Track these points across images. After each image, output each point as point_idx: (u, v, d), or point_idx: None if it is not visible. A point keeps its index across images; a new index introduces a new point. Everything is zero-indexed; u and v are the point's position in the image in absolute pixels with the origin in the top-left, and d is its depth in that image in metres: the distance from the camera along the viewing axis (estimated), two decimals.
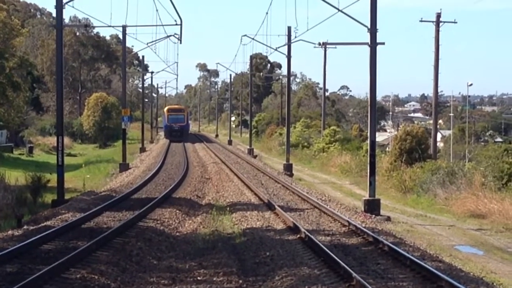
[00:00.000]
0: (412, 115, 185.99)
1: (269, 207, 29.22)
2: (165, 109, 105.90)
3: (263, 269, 17.35)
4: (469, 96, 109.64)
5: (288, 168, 51.31)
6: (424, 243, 22.47)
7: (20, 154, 71.87)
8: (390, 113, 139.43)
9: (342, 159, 55.65)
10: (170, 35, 53.31)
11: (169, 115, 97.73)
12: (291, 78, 59.19)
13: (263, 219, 25.99)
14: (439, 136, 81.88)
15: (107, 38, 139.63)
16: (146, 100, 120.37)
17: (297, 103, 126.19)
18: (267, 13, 56.81)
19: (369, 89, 30.63)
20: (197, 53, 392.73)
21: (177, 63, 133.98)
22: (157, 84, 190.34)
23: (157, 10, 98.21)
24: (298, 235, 21.84)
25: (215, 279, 16.18)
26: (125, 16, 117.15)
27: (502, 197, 30.76)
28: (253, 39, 60.72)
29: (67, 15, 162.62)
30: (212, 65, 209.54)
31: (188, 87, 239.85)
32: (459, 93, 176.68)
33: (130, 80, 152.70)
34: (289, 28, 50.46)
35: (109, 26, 45.68)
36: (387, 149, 67.02)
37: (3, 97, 49.99)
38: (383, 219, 28.32)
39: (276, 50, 54.79)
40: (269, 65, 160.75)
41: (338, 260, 17.14)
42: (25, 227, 23.19)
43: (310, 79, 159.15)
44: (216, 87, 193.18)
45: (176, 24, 43.81)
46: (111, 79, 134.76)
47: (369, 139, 31.56)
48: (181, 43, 49.13)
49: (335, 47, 72.13)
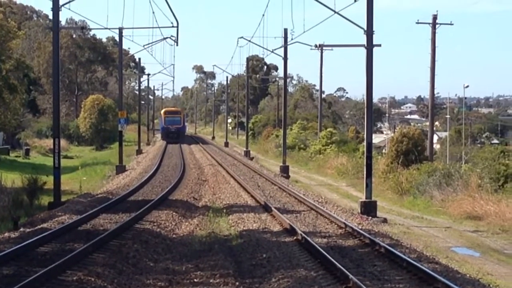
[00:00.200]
0: (408, 117, 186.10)
1: (266, 209, 29.22)
2: (162, 111, 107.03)
3: (260, 271, 17.35)
4: (465, 98, 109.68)
5: (285, 170, 51.32)
6: (420, 245, 22.48)
7: (16, 156, 71.78)
8: (387, 115, 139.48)
9: (339, 161, 55.66)
10: (167, 37, 53.28)
11: (166, 117, 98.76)
12: (288, 80, 59.29)
13: (259, 221, 25.98)
14: (435, 138, 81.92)
15: (104, 40, 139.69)
16: (143, 102, 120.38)
17: (294, 105, 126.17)
18: (263, 15, 56.69)
19: (365, 91, 30.67)
20: (194, 55, 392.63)
21: (173, 65, 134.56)
22: (154, 86, 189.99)
23: (153, 12, 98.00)
24: (295, 237, 21.84)
25: (211, 281, 16.19)
26: (122, 18, 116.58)
27: (499, 199, 30.79)
28: (249, 41, 60.79)
29: (63, 17, 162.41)
30: (208, 67, 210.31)
31: (184, 89, 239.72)
32: (456, 95, 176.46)
33: (127, 82, 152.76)
34: (285, 30, 50.53)
35: (106, 28, 45.64)
36: (383, 151, 67.10)
37: None
38: (380, 221, 28.33)
39: (272, 52, 54.87)
40: (265, 67, 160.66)
41: (335, 262, 17.14)
42: (21, 229, 23.17)
43: (306, 81, 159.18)
44: (213, 89, 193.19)
45: (173, 26, 43.73)
46: (107, 81, 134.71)
47: (365, 141, 31.58)
48: (177, 45, 48.98)
49: (332, 49, 72.33)
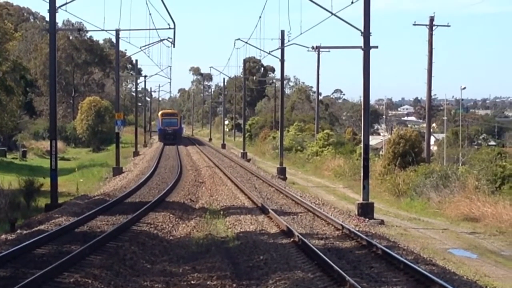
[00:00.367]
0: (405, 118, 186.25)
1: (263, 211, 29.21)
2: (159, 113, 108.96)
3: (257, 273, 17.34)
4: (462, 99, 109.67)
5: (282, 172, 51.30)
6: (417, 247, 22.50)
7: (13, 158, 71.66)
8: (384, 116, 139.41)
9: (336, 162, 55.65)
10: (164, 39, 53.26)
11: (163, 119, 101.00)
12: (285, 82, 59.25)
13: (256, 223, 25.97)
14: (432, 139, 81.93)
15: (101, 42, 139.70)
16: (140, 104, 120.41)
17: (291, 107, 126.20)
18: (260, 17, 56.78)
19: (362, 92, 30.70)
20: (191, 57, 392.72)
21: (170, 67, 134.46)
22: (151, 88, 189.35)
23: (150, 14, 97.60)
24: (292, 239, 21.84)
25: (208, 283, 16.19)
26: (118, 20, 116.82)
27: (496, 201, 30.81)
28: (246, 42, 60.80)
29: (60, 19, 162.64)
30: (205, 69, 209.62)
31: (181, 91, 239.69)
32: (453, 96, 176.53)
33: (124, 84, 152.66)
34: (282, 32, 50.49)
35: (102, 30, 45.90)
36: (380, 152, 67.04)
37: None
38: (377, 222, 28.35)
39: (269, 53, 54.84)
40: (262, 68, 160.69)
41: (332, 263, 17.14)
42: (18, 231, 23.14)
43: (303, 82, 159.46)
44: (210, 91, 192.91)
45: (170, 28, 43.72)
46: (104, 83, 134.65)
47: (362, 143, 31.60)
48: (174, 47, 49.13)
49: (329, 51, 71.98)
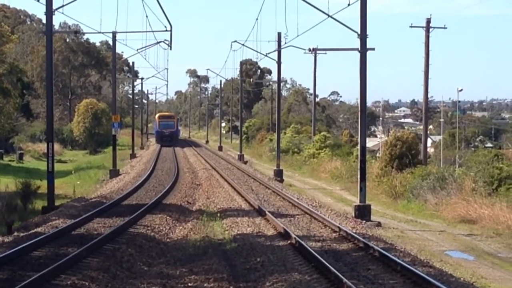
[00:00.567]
0: (402, 120, 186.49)
1: (260, 213, 29.20)
2: (156, 115, 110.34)
3: (254, 275, 17.33)
4: (459, 101, 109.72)
5: (279, 174, 51.30)
6: (414, 249, 22.50)
7: (10, 160, 71.66)
8: (381, 118, 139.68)
9: (333, 164, 55.66)
10: (160, 41, 53.28)
11: (160, 122, 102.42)
12: (281, 84, 59.26)
13: (253, 225, 25.97)
14: (429, 141, 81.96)
15: (97, 44, 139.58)
16: (136, 106, 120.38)
17: (287, 109, 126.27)
18: (257, 19, 56.70)
19: (359, 94, 30.71)
20: (187, 59, 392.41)
21: (167, 69, 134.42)
22: (147, 90, 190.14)
23: (147, 16, 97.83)
24: (289, 241, 21.82)
25: (205, 285, 16.18)
26: (115, 23, 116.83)
27: (493, 202, 30.80)
28: (243, 45, 60.73)
29: (57, 21, 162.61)
30: (202, 71, 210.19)
31: (178, 93, 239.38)
32: (449, 98, 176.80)
33: (120, 86, 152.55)
34: (279, 34, 50.52)
35: (99, 33, 45.66)
36: (377, 154, 67.08)
37: None
38: (374, 224, 28.35)
39: (266, 56, 54.88)
40: (259, 71, 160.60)
41: (329, 265, 17.14)
42: (15, 233, 23.14)
43: (300, 84, 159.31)
44: (206, 93, 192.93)
45: (166, 30, 43.62)
46: (101, 85, 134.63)
47: (359, 145, 31.59)
48: (171, 49, 48.92)
49: (325, 53, 72.16)
